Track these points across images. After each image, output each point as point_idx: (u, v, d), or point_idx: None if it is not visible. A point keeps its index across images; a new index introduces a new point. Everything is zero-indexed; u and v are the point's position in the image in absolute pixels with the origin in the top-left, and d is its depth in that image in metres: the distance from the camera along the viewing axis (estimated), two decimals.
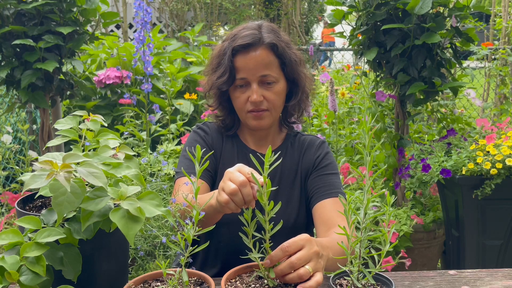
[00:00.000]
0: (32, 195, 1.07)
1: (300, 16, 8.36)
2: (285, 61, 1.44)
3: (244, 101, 1.43)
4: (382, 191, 1.45)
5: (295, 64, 1.47)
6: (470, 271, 1.27)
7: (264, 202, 0.98)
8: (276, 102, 1.44)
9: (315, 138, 1.58)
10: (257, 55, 1.40)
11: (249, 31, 1.43)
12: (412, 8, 2.39)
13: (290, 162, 1.51)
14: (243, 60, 1.41)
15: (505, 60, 4.03)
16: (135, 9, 2.88)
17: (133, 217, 0.84)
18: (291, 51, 1.47)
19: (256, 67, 1.40)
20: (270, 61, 1.42)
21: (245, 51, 1.41)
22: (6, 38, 2.38)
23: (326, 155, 1.53)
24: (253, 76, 1.41)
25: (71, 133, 1.06)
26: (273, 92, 1.43)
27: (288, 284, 0.98)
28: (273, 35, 1.44)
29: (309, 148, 1.54)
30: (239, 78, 1.42)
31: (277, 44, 1.42)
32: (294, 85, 1.49)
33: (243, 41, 1.40)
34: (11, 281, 0.81)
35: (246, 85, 1.43)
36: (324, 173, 1.49)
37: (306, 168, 1.51)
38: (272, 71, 1.42)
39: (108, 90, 3.59)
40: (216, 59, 1.47)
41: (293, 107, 1.51)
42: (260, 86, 1.42)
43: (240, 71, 1.41)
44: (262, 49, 1.41)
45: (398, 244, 2.49)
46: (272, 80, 1.42)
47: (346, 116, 3.65)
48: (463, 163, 2.33)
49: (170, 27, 7.44)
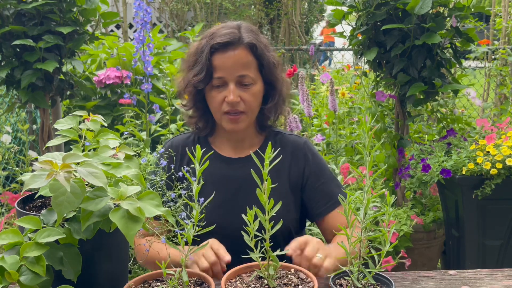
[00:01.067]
0: (32, 195, 1.07)
1: (300, 16, 8.36)
2: (263, 62, 1.42)
3: (221, 101, 1.40)
4: (382, 191, 1.46)
5: (273, 66, 1.45)
6: (470, 271, 1.27)
7: (264, 201, 0.98)
8: (252, 104, 1.41)
9: (298, 139, 1.54)
10: (236, 55, 1.38)
11: (228, 29, 1.41)
12: (412, 8, 2.39)
13: (276, 164, 1.48)
14: (221, 59, 1.38)
15: (505, 60, 4.03)
16: (135, 9, 2.88)
17: (133, 217, 0.83)
18: (269, 54, 1.44)
19: (234, 66, 1.37)
20: (249, 61, 1.39)
21: (224, 50, 1.38)
22: (6, 38, 2.38)
23: (313, 160, 1.50)
24: (231, 76, 1.38)
25: (71, 133, 1.06)
26: (251, 94, 1.40)
27: (288, 284, 0.98)
28: (252, 36, 1.41)
29: (295, 154, 1.50)
30: (216, 77, 1.39)
31: (256, 45, 1.40)
32: (271, 87, 1.47)
33: (222, 39, 1.38)
34: (11, 281, 0.81)
35: (223, 85, 1.40)
36: (318, 183, 1.48)
37: (296, 177, 1.48)
38: (250, 71, 1.39)
39: (108, 90, 3.59)
40: (193, 57, 1.44)
41: (270, 110, 1.48)
42: (238, 87, 1.39)
43: (217, 70, 1.39)
44: (241, 48, 1.39)
45: (398, 244, 2.49)
46: (249, 81, 1.39)
47: (346, 116, 3.65)
48: (463, 163, 2.33)
49: (170, 27, 7.44)
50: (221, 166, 1.48)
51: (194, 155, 0.96)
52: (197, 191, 0.96)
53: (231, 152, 1.51)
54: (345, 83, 4.78)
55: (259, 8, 8.51)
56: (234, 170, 1.47)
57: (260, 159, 0.99)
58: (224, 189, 1.45)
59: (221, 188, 1.44)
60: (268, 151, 0.97)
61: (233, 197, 1.45)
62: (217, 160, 1.49)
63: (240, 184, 1.45)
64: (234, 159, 1.49)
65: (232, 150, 1.51)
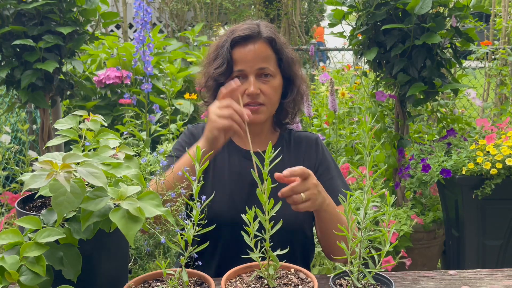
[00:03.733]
0: (32, 195, 1.07)
1: (300, 16, 8.37)
2: (282, 57, 1.45)
3: (241, 94, 1.42)
4: (382, 191, 1.45)
5: (292, 62, 1.48)
6: (470, 271, 1.27)
7: (264, 201, 0.98)
8: (272, 96, 1.44)
9: (310, 134, 1.58)
10: (256, 48, 1.42)
11: (248, 25, 1.45)
12: (412, 8, 2.39)
13: (287, 160, 1.50)
14: (241, 52, 1.42)
15: (505, 60, 4.03)
16: (135, 9, 2.88)
17: (133, 217, 0.83)
18: (288, 50, 1.48)
19: (254, 59, 1.41)
20: (268, 55, 1.43)
21: (244, 43, 1.42)
22: (6, 38, 2.38)
23: (323, 156, 1.54)
24: (251, 69, 1.41)
25: (71, 133, 1.06)
26: (270, 86, 1.43)
27: (288, 284, 0.98)
28: (271, 31, 1.46)
29: (308, 149, 1.54)
30: (236, 70, 1.42)
31: (275, 39, 1.44)
32: (289, 83, 1.50)
33: (242, 33, 1.42)
34: (11, 281, 0.81)
35: (243, 78, 1.43)
36: (326, 178, 1.49)
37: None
38: (269, 65, 1.43)
39: (108, 90, 3.59)
40: (214, 52, 1.48)
41: (289, 105, 1.51)
42: (257, 79, 1.42)
43: (238, 63, 1.42)
44: (260, 42, 1.43)
45: (398, 244, 2.49)
46: (269, 72, 1.43)
47: (346, 116, 3.65)
48: (463, 163, 2.33)
49: (170, 27, 7.44)
50: (240, 159, 1.50)
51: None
52: (197, 190, 0.96)
53: (248, 146, 1.52)
54: (345, 83, 4.78)
55: (259, 8, 8.51)
56: (251, 163, 1.49)
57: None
58: (241, 182, 1.47)
59: (238, 181, 1.47)
60: (268, 150, 0.97)
61: (248, 190, 1.46)
62: (237, 153, 1.52)
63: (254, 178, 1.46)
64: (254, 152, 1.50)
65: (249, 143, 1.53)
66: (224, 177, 1.48)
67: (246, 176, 1.47)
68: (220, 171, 1.49)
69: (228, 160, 1.50)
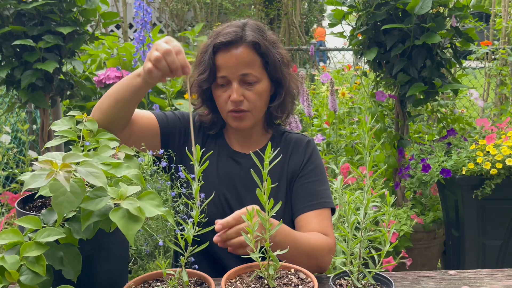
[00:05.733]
0: (32, 195, 1.07)
1: (300, 16, 8.37)
2: (268, 60, 1.40)
3: (225, 100, 1.40)
4: (382, 191, 1.45)
5: (279, 64, 1.42)
6: (470, 271, 1.27)
7: (264, 200, 0.98)
8: (256, 102, 1.40)
9: (302, 137, 1.53)
10: (238, 53, 1.37)
11: (232, 28, 1.40)
12: (412, 8, 2.39)
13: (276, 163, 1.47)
14: (224, 58, 1.38)
15: (505, 60, 4.03)
16: (135, 9, 2.88)
17: (133, 217, 0.83)
18: (276, 51, 1.42)
19: (237, 65, 1.37)
20: (252, 59, 1.38)
21: (226, 49, 1.37)
22: (6, 38, 2.38)
23: (311, 157, 1.48)
24: (234, 75, 1.37)
25: (70, 134, 1.06)
26: (254, 92, 1.39)
27: (288, 284, 0.98)
28: (256, 34, 1.40)
29: (296, 148, 1.50)
30: (219, 77, 1.39)
31: (260, 43, 1.38)
32: (278, 85, 1.45)
33: (224, 39, 1.37)
34: (11, 280, 0.81)
35: (227, 84, 1.39)
36: (308, 181, 1.44)
37: (292, 171, 1.47)
38: (253, 70, 1.38)
39: None
40: (199, 56, 1.44)
41: (276, 109, 1.46)
42: (241, 85, 1.38)
43: (221, 69, 1.38)
44: (243, 47, 1.37)
45: (398, 244, 2.49)
46: (253, 79, 1.38)
47: (347, 116, 3.65)
48: (463, 163, 2.33)
49: (170, 27, 7.44)
50: (227, 159, 1.49)
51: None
52: (197, 190, 0.96)
53: (237, 147, 1.51)
54: (345, 83, 4.78)
55: (259, 8, 8.51)
56: (239, 165, 1.48)
57: (261, 159, 0.98)
58: (230, 184, 1.46)
59: (227, 182, 1.46)
60: (268, 150, 0.97)
61: (236, 192, 1.45)
62: (225, 152, 1.50)
63: (243, 181, 1.45)
64: (240, 153, 1.49)
65: (239, 146, 1.51)
66: (212, 175, 1.46)
67: (231, 177, 1.46)
68: (209, 168, 1.45)
69: (217, 158, 1.48)
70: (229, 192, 1.45)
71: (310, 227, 1.37)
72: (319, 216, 1.38)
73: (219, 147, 1.50)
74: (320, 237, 1.33)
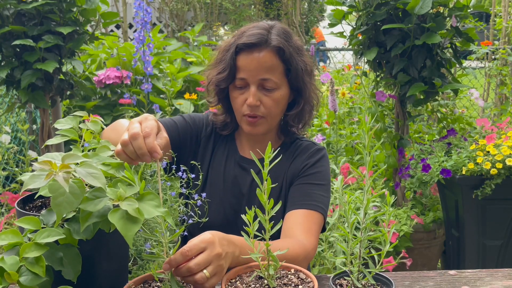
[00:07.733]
0: (32, 195, 1.07)
1: (300, 16, 8.36)
2: (290, 67, 1.35)
3: (241, 103, 1.36)
4: (382, 191, 1.45)
5: (301, 72, 1.37)
6: (470, 271, 1.26)
7: (264, 200, 0.98)
8: (273, 109, 1.36)
9: (312, 144, 1.49)
10: (260, 57, 1.32)
11: (257, 30, 1.35)
12: (412, 8, 2.39)
13: (278, 168, 1.41)
14: (245, 59, 1.33)
15: (505, 60, 4.03)
16: (135, 9, 2.88)
17: (131, 218, 0.83)
18: (300, 58, 1.38)
19: (258, 69, 1.33)
20: (274, 65, 1.33)
21: (249, 51, 1.33)
22: (6, 38, 2.38)
23: (317, 163, 1.43)
24: (253, 78, 1.33)
25: (71, 133, 1.06)
26: (272, 99, 1.35)
27: (288, 284, 0.98)
28: (282, 39, 1.35)
29: (301, 154, 1.45)
30: (238, 78, 1.35)
31: (284, 49, 1.33)
32: (297, 94, 1.41)
33: (248, 40, 1.33)
34: (10, 281, 0.81)
35: (245, 87, 1.36)
36: (306, 182, 1.40)
37: (292, 175, 1.43)
38: (274, 76, 1.34)
39: (108, 90, 3.59)
40: (220, 54, 1.41)
41: (293, 118, 1.43)
42: (259, 90, 1.35)
43: (240, 71, 1.34)
44: (267, 51, 1.32)
45: (398, 244, 2.49)
46: (272, 85, 1.34)
47: (347, 116, 3.65)
48: (463, 163, 2.32)
49: (170, 27, 7.44)
50: (234, 164, 1.47)
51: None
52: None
53: (247, 152, 1.47)
54: (345, 83, 4.78)
55: (259, 8, 8.51)
56: (245, 171, 1.45)
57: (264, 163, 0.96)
58: (235, 189, 1.45)
59: (232, 187, 1.45)
60: (268, 150, 0.96)
61: (241, 197, 1.44)
62: (233, 156, 1.48)
63: (248, 187, 1.44)
64: (247, 159, 1.46)
65: (248, 150, 1.47)
66: (219, 178, 1.45)
67: (237, 183, 1.44)
68: (217, 164, 1.46)
69: (225, 160, 1.47)
70: (234, 197, 1.44)
71: (294, 223, 1.31)
72: (307, 216, 1.32)
73: (229, 150, 1.48)
74: (296, 244, 1.23)
